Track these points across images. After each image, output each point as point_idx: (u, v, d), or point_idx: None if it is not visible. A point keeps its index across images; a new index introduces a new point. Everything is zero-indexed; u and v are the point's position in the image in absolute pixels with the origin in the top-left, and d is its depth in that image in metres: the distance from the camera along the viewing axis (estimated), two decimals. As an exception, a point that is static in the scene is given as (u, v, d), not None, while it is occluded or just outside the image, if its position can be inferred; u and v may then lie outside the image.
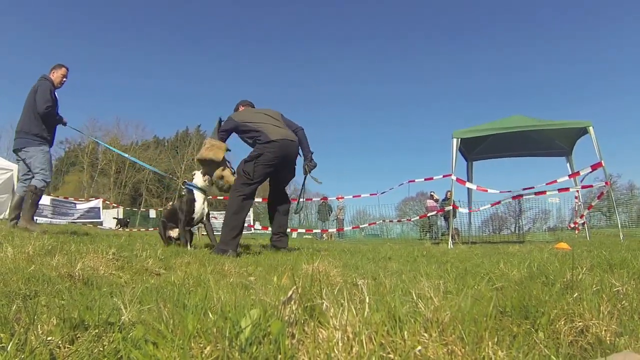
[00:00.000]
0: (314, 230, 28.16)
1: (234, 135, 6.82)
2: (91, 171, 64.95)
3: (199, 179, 7.17)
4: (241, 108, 7.36)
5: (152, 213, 31.84)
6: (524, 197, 18.17)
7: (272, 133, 6.45)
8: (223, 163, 6.87)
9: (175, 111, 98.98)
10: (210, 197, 7.64)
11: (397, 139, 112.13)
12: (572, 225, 17.54)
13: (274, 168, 6.54)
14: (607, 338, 1.64)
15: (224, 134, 6.81)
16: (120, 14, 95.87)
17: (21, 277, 2.71)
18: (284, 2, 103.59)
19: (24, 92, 8.23)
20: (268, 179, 6.87)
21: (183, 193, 7.50)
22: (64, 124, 8.60)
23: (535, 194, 13.96)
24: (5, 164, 20.59)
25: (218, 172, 6.85)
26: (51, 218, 25.26)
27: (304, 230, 25.33)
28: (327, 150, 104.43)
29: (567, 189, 13.37)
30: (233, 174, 6.91)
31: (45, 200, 26.20)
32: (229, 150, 6.93)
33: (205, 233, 9.25)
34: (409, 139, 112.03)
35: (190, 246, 6.77)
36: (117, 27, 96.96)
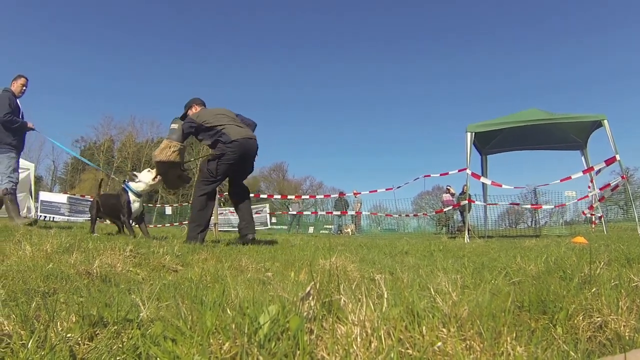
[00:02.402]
0: (331, 225, 28.22)
1: None
2: (107, 169, 65.30)
3: (144, 179, 7.40)
4: (195, 107, 7.41)
5: (168, 210, 31.88)
6: (540, 192, 18.05)
7: (233, 133, 6.66)
8: (180, 164, 7.02)
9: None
10: (227, 193, 7.75)
11: (413, 136, 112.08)
12: (587, 212, 17.43)
13: (236, 166, 6.83)
14: (626, 334, 1.62)
15: (184, 134, 6.87)
16: (137, 14, 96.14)
17: (40, 274, 2.72)
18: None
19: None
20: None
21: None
22: (30, 128, 9.21)
23: (556, 205, 13.95)
24: (23, 163, 20.71)
25: (173, 173, 7.05)
26: (68, 216, 25.43)
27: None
28: (344, 148, 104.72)
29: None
30: (186, 174, 7.26)
31: (62, 198, 26.43)
32: (184, 148, 7.03)
33: (221, 230, 9.40)
34: (424, 135, 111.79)
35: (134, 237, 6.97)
36: (131, 28, 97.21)
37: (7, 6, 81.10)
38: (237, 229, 7.95)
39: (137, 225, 7.77)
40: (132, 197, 7.32)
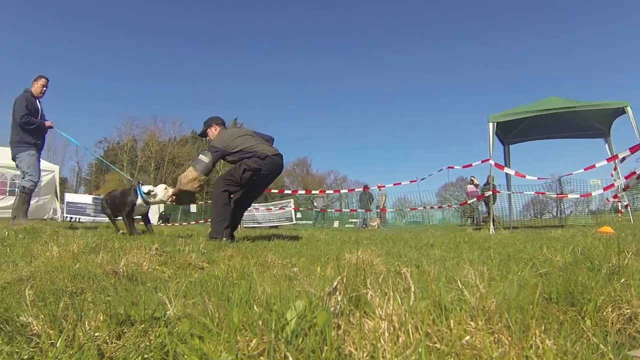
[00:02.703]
0: (356, 219, 28.23)
1: None
2: (131, 169, 65.89)
3: (160, 194, 7.42)
4: (215, 127, 7.41)
5: (193, 208, 32.01)
6: (565, 180, 17.87)
7: (266, 150, 6.75)
8: (195, 198, 7.24)
9: (212, 108, 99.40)
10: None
11: (434, 127, 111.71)
12: (611, 200, 17.25)
13: (261, 181, 6.96)
14: (657, 326, 1.61)
15: (210, 167, 6.88)
16: (156, 17, 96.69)
17: (67, 275, 2.75)
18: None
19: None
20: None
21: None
22: (49, 127, 9.26)
23: (581, 195, 13.88)
24: (47, 165, 21.01)
25: (188, 196, 7.17)
26: (94, 216, 25.67)
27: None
28: (367, 141, 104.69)
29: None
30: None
31: (87, 199, 26.72)
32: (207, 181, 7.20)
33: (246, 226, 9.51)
34: (445, 125, 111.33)
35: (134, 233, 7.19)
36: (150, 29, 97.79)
37: (32, 9, 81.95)
38: (261, 225, 8.00)
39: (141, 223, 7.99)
40: (139, 200, 7.42)
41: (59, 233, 5.87)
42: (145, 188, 7.42)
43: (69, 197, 26.63)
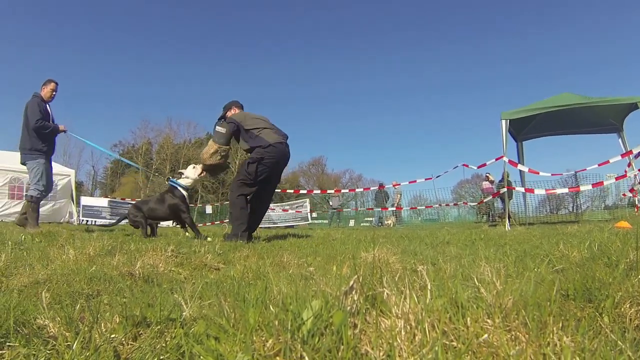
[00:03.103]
0: (371, 218, 28.21)
1: None
2: (146, 171, 66.26)
3: (190, 175, 7.62)
4: (234, 109, 7.56)
5: (209, 209, 32.08)
6: (581, 176, 17.77)
7: (270, 137, 6.83)
8: (226, 165, 7.41)
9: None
10: (280, 190, 7.98)
11: (447, 123, 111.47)
12: (627, 194, 17.13)
13: (272, 170, 6.95)
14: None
15: (228, 136, 7.01)
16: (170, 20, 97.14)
17: (83, 277, 2.77)
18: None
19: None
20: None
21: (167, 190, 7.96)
22: (62, 131, 9.32)
23: (593, 184, 13.82)
24: (63, 169, 21.19)
25: (217, 168, 7.41)
26: (110, 219, 25.82)
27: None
28: (382, 139, 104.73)
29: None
30: (227, 163, 7.44)
31: (103, 202, 26.85)
32: (229, 150, 7.28)
33: (262, 227, 9.55)
34: (458, 122, 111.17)
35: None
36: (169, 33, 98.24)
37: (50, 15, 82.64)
38: (276, 226, 8.04)
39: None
40: (183, 192, 7.55)
41: (75, 236, 5.90)
42: (179, 181, 7.58)
43: (85, 200, 26.79)
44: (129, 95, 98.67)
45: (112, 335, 1.44)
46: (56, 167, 18.06)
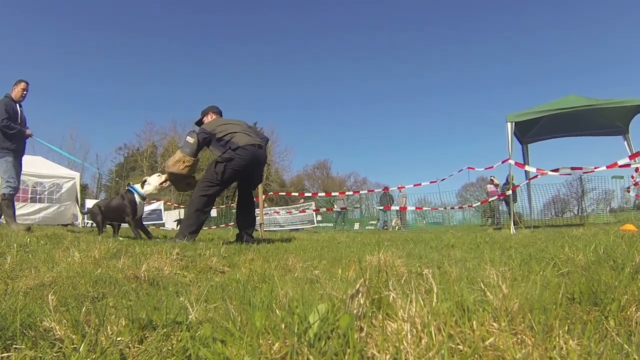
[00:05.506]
0: (376, 221, 28.20)
1: None
2: (151, 174, 66.46)
3: (153, 182, 7.85)
4: (211, 115, 7.56)
5: (214, 212, 32.13)
6: (587, 178, 17.78)
7: (241, 140, 6.71)
8: (191, 177, 7.15)
9: (232, 111, 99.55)
10: (272, 192, 8.01)
11: (451, 126, 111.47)
12: (632, 190, 17.15)
13: (242, 174, 6.89)
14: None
15: (199, 146, 6.95)
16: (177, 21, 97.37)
17: (89, 280, 2.78)
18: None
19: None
20: (236, 183, 7.28)
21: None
22: (28, 136, 9.44)
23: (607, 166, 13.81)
24: (68, 172, 21.24)
25: (182, 181, 7.17)
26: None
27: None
28: (387, 142, 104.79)
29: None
30: (194, 181, 7.23)
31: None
32: (197, 161, 7.13)
33: (267, 230, 9.62)
34: (462, 124, 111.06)
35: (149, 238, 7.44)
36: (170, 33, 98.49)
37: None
38: (282, 228, 8.02)
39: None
40: (137, 198, 7.75)
41: (80, 239, 5.92)
42: (137, 187, 7.76)
43: (90, 203, 26.84)
44: (134, 98, 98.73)
45: (119, 338, 1.44)
46: (61, 170, 18.05)
